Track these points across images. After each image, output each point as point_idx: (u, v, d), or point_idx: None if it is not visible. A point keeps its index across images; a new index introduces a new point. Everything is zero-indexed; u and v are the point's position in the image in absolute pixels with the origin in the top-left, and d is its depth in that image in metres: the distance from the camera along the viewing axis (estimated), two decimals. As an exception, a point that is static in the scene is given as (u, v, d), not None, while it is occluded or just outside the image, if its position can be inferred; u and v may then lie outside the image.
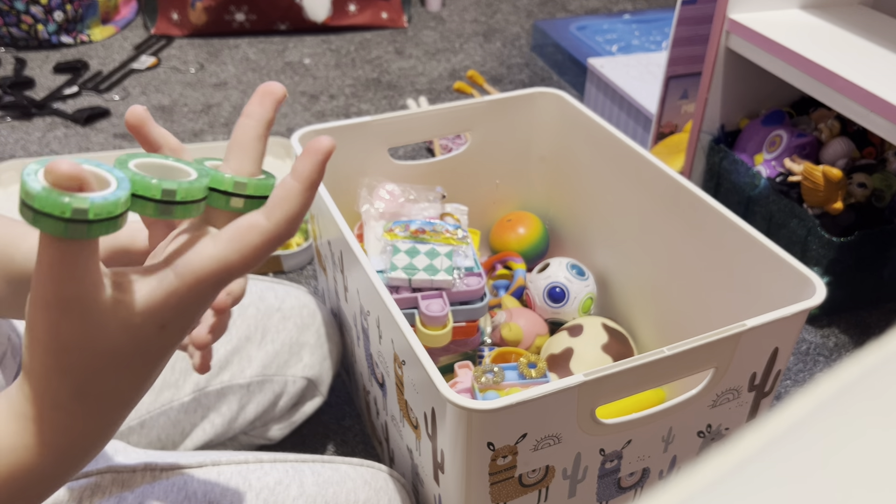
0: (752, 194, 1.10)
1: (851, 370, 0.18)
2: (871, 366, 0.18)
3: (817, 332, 1.05)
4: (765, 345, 0.62)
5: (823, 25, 1.05)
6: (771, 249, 0.67)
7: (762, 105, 1.17)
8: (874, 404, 0.17)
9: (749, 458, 0.16)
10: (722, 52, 1.09)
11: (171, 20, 1.85)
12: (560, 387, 0.53)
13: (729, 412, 0.66)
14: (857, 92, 0.90)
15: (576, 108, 0.92)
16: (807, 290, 0.63)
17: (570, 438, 0.57)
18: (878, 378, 0.18)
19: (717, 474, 0.16)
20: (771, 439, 0.16)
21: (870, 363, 0.18)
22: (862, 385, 0.18)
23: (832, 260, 0.99)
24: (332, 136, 0.34)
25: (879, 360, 0.18)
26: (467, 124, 0.94)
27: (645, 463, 0.65)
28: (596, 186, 0.92)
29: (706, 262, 0.76)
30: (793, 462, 0.16)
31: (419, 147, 1.44)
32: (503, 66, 1.77)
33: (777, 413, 0.17)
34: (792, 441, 0.16)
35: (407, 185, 0.90)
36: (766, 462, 0.16)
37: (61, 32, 1.78)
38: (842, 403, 0.17)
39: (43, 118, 1.52)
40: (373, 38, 1.90)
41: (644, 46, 1.67)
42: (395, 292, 0.77)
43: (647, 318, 0.89)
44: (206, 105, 1.59)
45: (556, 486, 0.61)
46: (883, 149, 1.10)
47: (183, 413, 0.74)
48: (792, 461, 0.16)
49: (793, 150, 1.07)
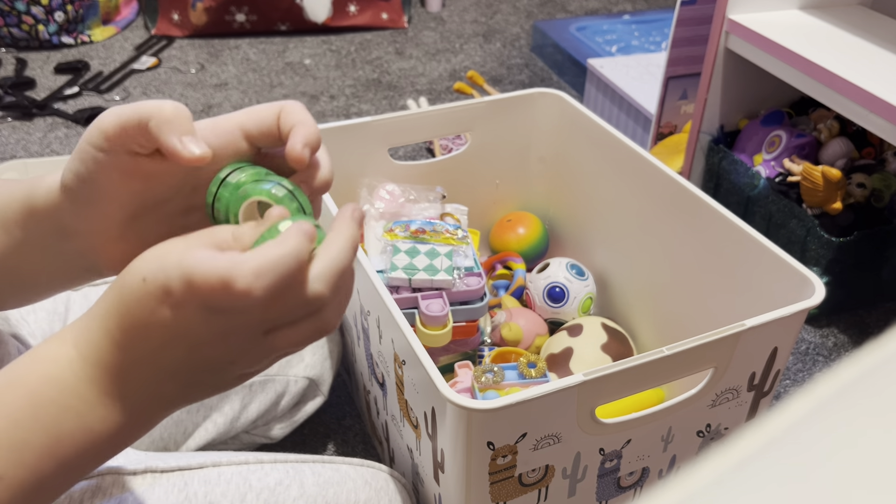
0: (751, 194, 1.10)
1: (850, 370, 0.18)
2: (870, 365, 0.18)
3: (816, 332, 1.06)
4: (764, 345, 0.62)
5: (822, 26, 1.05)
6: (770, 249, 0.67)
7: (761, 105, 1.17)
8: (873, 404, 0.17)
9: (748, 457, 0.16)
10: (721, 53, 1.10)
11: (172, 21, 1.85)
12: (560, 386, 0.53)
13: (728, 412, 0.66)
14: (856, 92, 0.90)
15: (575, 109, 0.92)
16: (806, 290, 0.63)
17: (570, 438, 0.58)
18: (877, 378, 0.18)
19: (716, 474, 0.16)
20: (770, 439, 0.17)
21: (869, 363, 0.18)
22: (861, 385, 0.18)
23: (831, 260, 1.00)
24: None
25: (878, 360, 0.18)
26: (467, 125, 0.94)
27: (644, 462, 0.65)
28: (595, 187, 0.93)
29: (705, 262, 0.76)
30: (792, 461, 0.16)
31: (419, 147, 1.44)
32: (503, 67, 1.77)
33: (776, 413, 0.17)
34: (791, 440, 0.16)
35: (407, 186, 0.90)
36: (765, 461, 0.16)
37: (62, 33, 1.78)
38: (841, 403, 0.17)
39: (44, 118, 1.52)
40: (373, 38, 1.90)
41: (643, 47, 1.68)
42: (395, 292, 0.77)
43: (646, 318, 0.89)
44: (207, 105, 1.59)
45: (556, 486, 0.61)
46: (882, 149, 1.10)
47: (185, 412, 0.74)
48: (791, 461, 0.16)
49: (792, 151, 1.08)
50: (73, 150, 0.40)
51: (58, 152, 1.42)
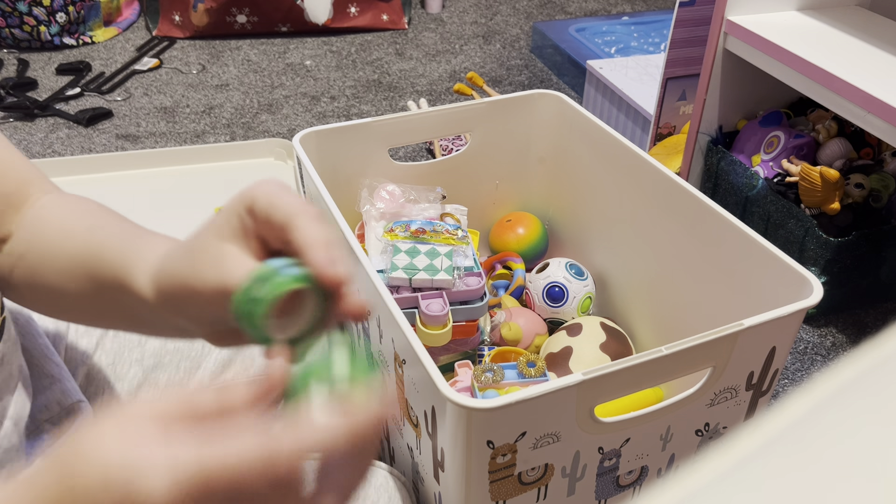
0: (749, 195, 1.10)
1: (848, 369, 0.18)
2: (868, 365, 0.18)
3: (815, 332, 1.06)
4: (762, 344, 0.62)
5: (821, 27, 1.06)
6: (768, 249, 0.67)
7: (760, 106, 1.17)
8: (871, 403, 0.17)
9: (747, 456, 0.16)
10: (720, 54, 1.10)
11: (173, 22, 1.86)
12: (559, 386, 0.53)
13: (727, 411, 0.66)
14: (854, 93, 0.90)
15: (575, 110, 0.92)
16: (804, 290, 0.63)
17: (569, 437, 0.58)
18: (875, 377, 0.18)
19: (715, 472, 0.16)
20: (769, 438, 0.17)
21: (867, 362, 0.18)
22: (859, 384, 0.18)
23: (829, 260, 1.00)
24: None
25: (876, 360, 0.18)
26: (467, 125, 0.94)
27: (643, 461, 0.65)
28: (595, 187, 0.93)
29: (704, 262, 0.76)
30: (790, 460, 0.16)
31: (419, 148, 1.45)
32: (503, 68, 1.78)
33: (775, 412, 0.17)
34: (789, 439, 0.16)
35: (407, 186, 0.91)
36: (763, 460, 0.16)
37: (64, 34, 1.78)
38: (839, 402, 0.17)
39: (45, 119, 1.52)
40: (373, 39, 1.90)
41: (642, 48, 1.68)
42: (395, 292, 0.77)
43: (645, 317, 0.89)
44: (208, 106, 1.60)
45: (556, 485, 0.61)
46: (880, 149, 1.10)
47: None
48: (789, 459, 0.16)
49: (790, 151, 1.08)
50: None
51: (59, 153, 1.42)
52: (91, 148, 1.44)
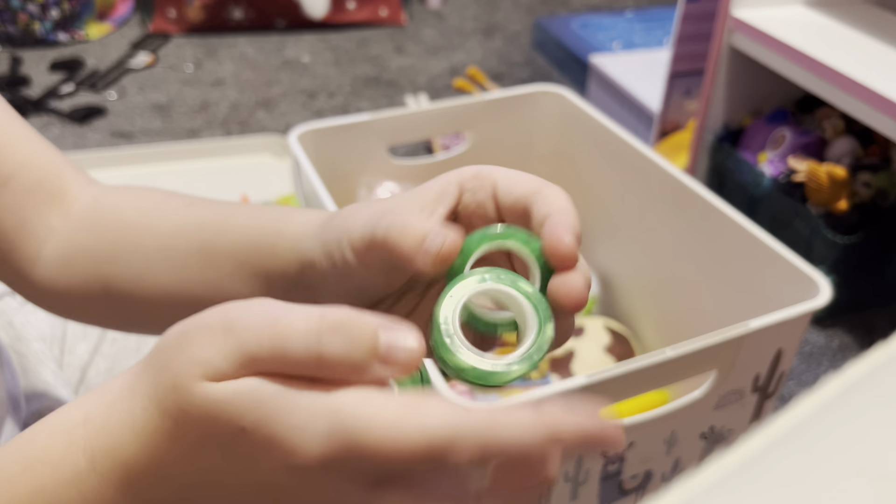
0: (755, 193, 1.09)
1: (856, 371, 0.18)
2: (876, 367, 0.18)
3: (821, 333, 1.05)
4: (768, 346, 0.61)
5: (828, 23, 1.05)
6: (775, 249, 0.67)
7: (766, 103, 1.16)
8: (879, 406, 0.17)
9: (753, 459, 0.16)
10: (725, 50, 1.09)
11: (168, 17, 1.84)
12: (561, 389, 0.52)
13: (732, 414, 0.65)
14: (861, 90, 0.89)
15: (577, 106, 0.91)
16: (811, 291, 0.62)
17: (572, 442, 0.57)
18: (883, 379, 0.18)
19: (720, 477, 0.16)
20: (775, 441, 0.16)
21: (875, 364, 0.18)
22: (867, 386, 0.18)
23: (836, 260, 0.99)
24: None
25: (884, 362, 0.18)
26: (468, 122, 0.93)
27: (647, 465, 0.64)
28: (598, 185, 0.92)
29: (709, 261, 0.75)
30: (797, 463, 0.16)
31: (419, 145, 1.43)
32: (504, 64, 1.76)
33: (781, 415, 0.17)
34: (796, 443, 0.16)
35: (406, 184, 0.90)
36: (770, 464, 0.16)
37: (57, 30, 1.77)
38: (846, 405, 0.17)
39: (39, 116, 1.51)
40: (372, 35, 1.89)
41: (646, 44, 1.66)
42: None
43: (649, 318, 0.88)
44: (204, 103, 1.58)
45: (558, 489, 0.60)
46: (888, 148, 1.09)
47: None
48: (796, 463, 0.16)
49: (797, 149, 1.07)
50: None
51: (54, 150, 1.41)
52: (85, 145, 1.43)
